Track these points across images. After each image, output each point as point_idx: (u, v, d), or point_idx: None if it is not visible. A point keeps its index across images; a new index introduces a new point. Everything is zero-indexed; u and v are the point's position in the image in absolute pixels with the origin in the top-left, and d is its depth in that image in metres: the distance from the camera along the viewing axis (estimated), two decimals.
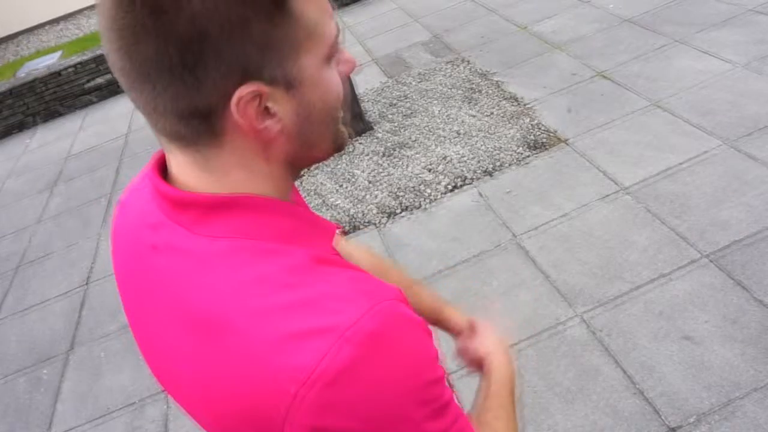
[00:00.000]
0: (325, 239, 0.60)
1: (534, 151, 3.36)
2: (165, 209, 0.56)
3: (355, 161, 3.75)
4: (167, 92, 0.49)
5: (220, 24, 0.47)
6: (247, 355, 0.49)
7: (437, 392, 0.52)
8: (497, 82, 4.11)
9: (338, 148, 0.61)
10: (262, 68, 0.50)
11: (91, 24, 9.81)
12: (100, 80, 6.22)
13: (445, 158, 3.51)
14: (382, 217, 3.24)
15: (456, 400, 0.57)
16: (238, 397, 0.50)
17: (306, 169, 0.63)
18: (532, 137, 3.46)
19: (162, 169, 0.61)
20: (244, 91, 0.49)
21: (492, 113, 3.77)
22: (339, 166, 3.75)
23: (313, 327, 0.47)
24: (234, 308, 0.50)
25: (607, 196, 2.90)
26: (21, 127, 6.26)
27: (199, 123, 0.51)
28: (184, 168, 0.56)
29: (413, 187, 3.37)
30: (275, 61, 0.50)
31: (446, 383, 0.54)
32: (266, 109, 0.52)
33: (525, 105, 3.76)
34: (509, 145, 3.46)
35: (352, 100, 3.75)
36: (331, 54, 0.55)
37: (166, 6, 0.46)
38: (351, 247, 1.01)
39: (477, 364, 0.93)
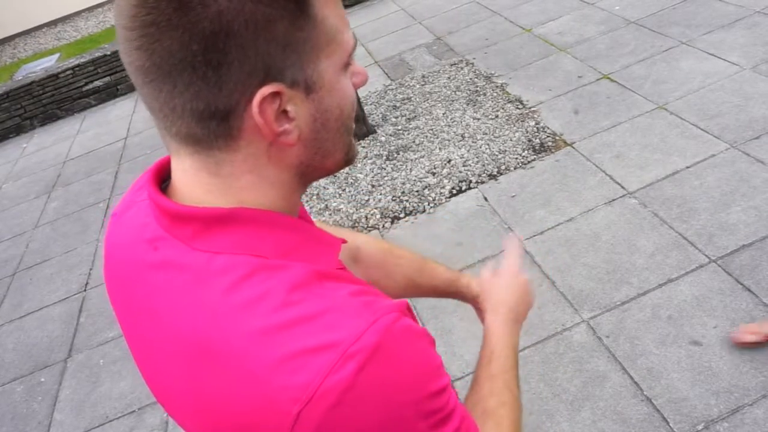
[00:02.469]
0: (330, 254, 0.59)
1: (539, 155, 3.33)
2: (163, 223, 0.55)
3: (358, 165, 3.72)
4: (188, 91, 0.48)
5: (245, 22, 0.47)
6: (245, 378, 0.47)
7: (442, 402, 0.51)
8: (501, 84, 4.08)
9: (349, 160, 0.61)
10: (284, 69, 0.50)
11: (89, 26, 9.79)
12: (98, 83, 6.19)
13: (448, 161, 3.48)
14: (385, 222, 3.21)
15: (460, 403, 0.57)
16: (234, 424, 0.48)
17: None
18: (536, 140, 3.44)
19: (160, 179, 0.60)
20: (267, 91, 0.49)
21: (496, 116, 3.74)
22: (341, 171, 3.71)
23: (314, 344, 0.46)
24: (232, 329, 0.48)
25: (613, 200, 2.87)
26: (18, 130, 6.23)
27: (217, 125, 0.50)
28: (191, 174, 0.54)
29: (416, 191, 3.34)
30: (297, 63, 0.50)
31: (450, 389, 0.54)
32: (285, 112, 0.51)
33: (529, 108, 3.74)
34: (514, 149, 3.43)
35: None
36: (348, 63, 0.56)
37: (193, 2, 0.46)
38: (359, 240, 1.00)
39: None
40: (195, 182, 0.54)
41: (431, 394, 0.50)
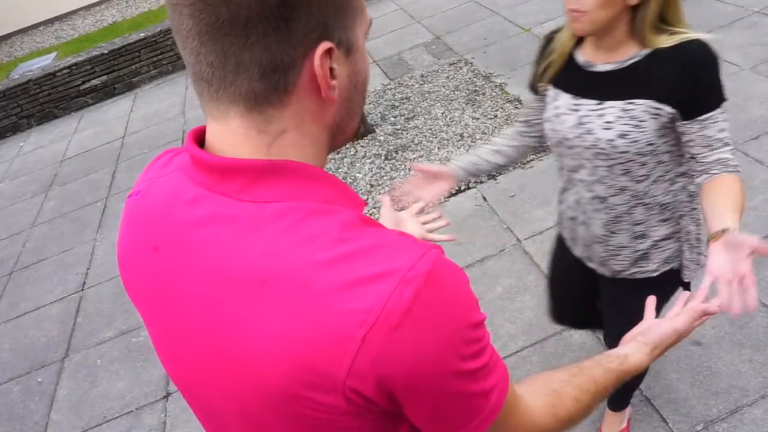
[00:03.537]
0: (360, 210, 0.62)
1: (538, 154, 3.32)
2: (205, 182, 0.58)
3: (356, 164, 3.71)
4: (260, 44, 0.52)
5: None
6: (309, 305, 0.50)
7: (480, 334, 0.56)
8: (500, 84, 4.08)
9: (357, 130, 0.67)
10: (335, 29, 0.55)
11: (87, 25, 9.76)
12: (95, 82, 6.17)
13: (447, 161, 3.47)
14: None
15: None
16: (293, 353, 0.50)
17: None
18: None
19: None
20: (326, 46, 0.54)
21: (495, 116, 3.74)
22: (340, 170, 3.71)
23: (374, 272, 0.50)
24: (294, 261, 0.51)
25: None
26: (15, 129, 6.20)
27: (278, 79, 0.54)
28: (238, 134, 0.56)
29: None
30: (343, 25, 0.56)
31: (485, 327, 0.58)
32: (331, 70, 0.56)
33: None
34: None
35: None
36: (367, 34, 0.62)
37: None
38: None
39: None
40: (242, 141, 0.56)
41: (474, 324, 0.54)
